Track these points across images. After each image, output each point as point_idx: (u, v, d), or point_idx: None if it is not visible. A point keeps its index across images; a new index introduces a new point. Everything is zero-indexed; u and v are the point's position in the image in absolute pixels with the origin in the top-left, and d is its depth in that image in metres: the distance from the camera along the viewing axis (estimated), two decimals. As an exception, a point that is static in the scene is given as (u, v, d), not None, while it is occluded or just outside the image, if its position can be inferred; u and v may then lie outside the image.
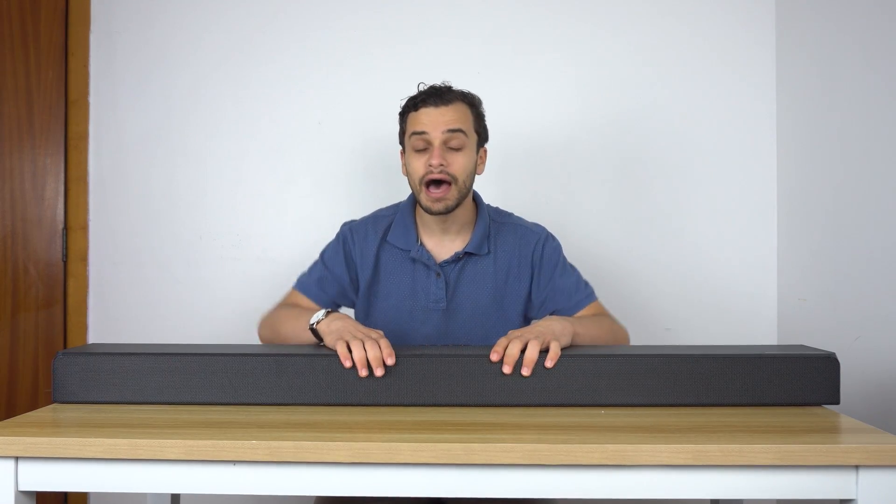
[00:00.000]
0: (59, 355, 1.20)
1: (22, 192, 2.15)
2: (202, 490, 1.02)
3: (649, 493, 1.00)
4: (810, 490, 0.99)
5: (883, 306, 1.62)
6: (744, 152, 2.14)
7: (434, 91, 1.50)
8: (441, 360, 1.19)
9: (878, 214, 1.64)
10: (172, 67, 2.19)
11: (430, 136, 1.47)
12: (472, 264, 1.56)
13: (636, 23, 2.15)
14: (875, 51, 1.67)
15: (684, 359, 1.19)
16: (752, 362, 1.19)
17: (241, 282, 2.17)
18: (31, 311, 2.14)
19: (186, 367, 1.19)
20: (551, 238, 1.62)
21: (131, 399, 1.20)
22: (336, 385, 1.19)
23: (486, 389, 1.19)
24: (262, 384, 1.19)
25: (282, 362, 1.19)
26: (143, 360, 1.20)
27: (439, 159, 1.45)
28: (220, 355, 1.19)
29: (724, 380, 1.19)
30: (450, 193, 1.47)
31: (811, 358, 1.20)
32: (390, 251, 1.58)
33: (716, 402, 1.19)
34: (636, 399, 1.19)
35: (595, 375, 1.19)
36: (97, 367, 1.20)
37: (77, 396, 1.20)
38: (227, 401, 1.19)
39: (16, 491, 1.03)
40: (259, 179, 2.18)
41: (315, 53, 2.17)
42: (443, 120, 1.47)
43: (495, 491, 1.01)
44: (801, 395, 1.19)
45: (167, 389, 1.19)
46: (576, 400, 1.19)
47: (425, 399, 1.19)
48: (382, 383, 1.19)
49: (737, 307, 2.13)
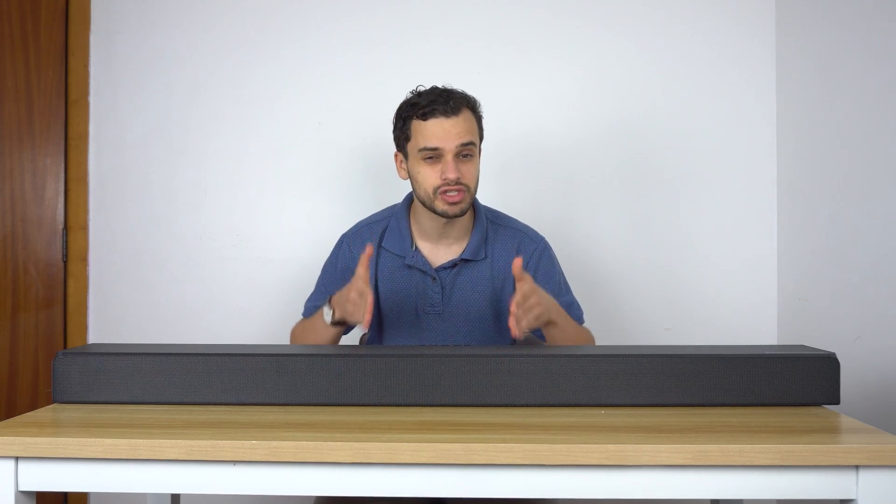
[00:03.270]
0: (59, 355, 1.20)
1: (22, 192, 2.15)
2: (202, 490, 1.02)
3: (649, 493, 1.00)
4: (810, 490, 0.99)
5: (883, 306, 1.62)
6: (744, 152, 2.14)
7: (440, 98, 1.47)
8: (441, 360, 1.19)
9: (879, 214, 1.64)
10: (172, 67, 2.19)
11: (444, 151, 1.46)
12: (468, 269, 1.56)
13: (636, 23, 2.15)
14: (875, 51, 1.67)
15: (684, 359, 1.18)
16: (753, 362, 1.18)
17: (241, 282, 2.17)
18: (31, 311, 2.14)
19: (187, 367, 1.19)
20: (549, 250, 1.62)
21: (131, 399, 1.19)
22: (336, 385, 1.18)
23: (486, 389, 1.19)
24: (263, 384, 1.18)
25: (282, 362, 1.18)
26: (144, 361, 1.19)
27: (455, 174, 1.46)
28: (221, 355, 1.19)
29: (724, 380, 1.18)
30: (464, 197, 1.49)
31: (811, 358, 1.19)
32: (386, 257, 1.58)
33: (716, 401, 1.19)
34: (636, 399, 1.18)
35: (595, 375, 1.18)
36: (97, 367, 1.19)
37: (77, 396, 1.20)
38: (228, 401, 1.19)
39: (16, 491, 1.03)
40: (259, 179, 2.18)
41: (315, 53, 2.17)
42: (455, 132, 1.46)
43: (495, 491, 1.01)
44: (801, 396, 1.18)
45: (167, 389, 1.19)
46: (576, 400, 1.18)
47: (425, 399, 1.19)
48: (383, 383, 1.19)
49: (737, 307, 2.13)
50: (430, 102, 1.47)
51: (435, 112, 1.46)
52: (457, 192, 1.47)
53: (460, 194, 1.47)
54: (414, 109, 1.49)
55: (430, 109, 1.46)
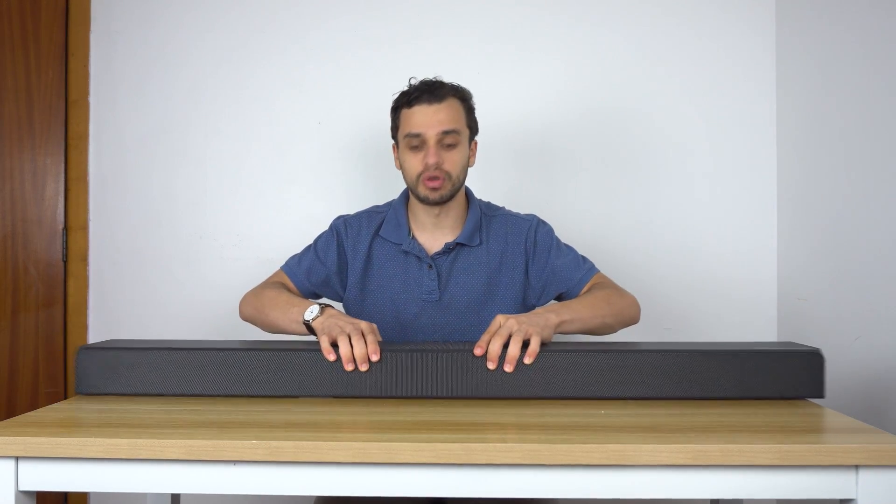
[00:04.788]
0: (81, 350, 1.27)
1: (22, 192, 2.15)
2: (202, 490, 1.02)
3: (649, 493, 1.00)
4: (810, 490, 0.99)
5: (883, 306, 1.62)
6: (744, 152, 2.14)
7: (426, 87, 1.52)
8: (438, 354, 1.23)
9: (878, 214, 1.64)
10: (172, 67, 2.19)
11: (425, 136, 1.50)
12: (464, 255, 1.59)
13: (636, 22, 2.15)
14: (875, 51, 1.67)
15: (674, 354, 1.22)
16: (741, 358, 1.22)
17: (242, 282, 2.17)
18: (31, 311, 2.14)
19: (201, 361, 1.25)
20: (542, 223, 1.64)
21: (148, 391, 1.26)
22: (343, 378, 1.24)
23: (482, 383, 1.23)
24: (272, 377, 1.25)
25: (290, 357, 1.24)
26: (160, 355, 1.26)
27: (435, 158, 1.49)
28: (233, 350, 1.26)
29: (714, 374, 1.22)
30: (444, 184, 1.52)
31: (798, 353, 1.23)
32: (382, 245, 1.61)
33: (706, 395, 1.22)
34: (628, 392, 1.22)
35: (588, 370, 1.22)
36: (116, 361, 1.26)
37: (97, 388, 1.27)
38: (239, 392, 1.25)
39: (16, 491, 1.03)
40: (259, 179, 2.18)
41: (315, 53, 2.17)
42: (437, 119, 1.49)
43: (495, 491, 1.01)
44: (787, 389, 1.22)
45: (182, 382, 1.25)
46: (569, 393, 1.22)
47: (425, 392, 1.23)
48: (384, 377, 1.23)
49: (737, 307, 2.13)
50: (416, 90, 1.52)
51: (420, 99, 1.50)
52: (437, 179, 1.50)
53: (440, 181, 1.50)
54: (403, 98, 1.54)
55: (415, 97, 1.51)
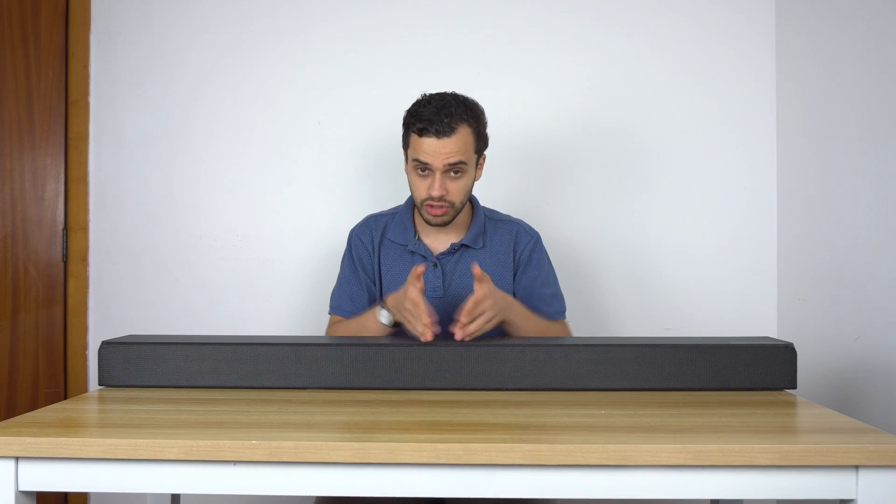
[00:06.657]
0: (104, 344, 1.35)
1: (22, 192, 2.15)
2: (202, 490, 1.02)
3: (649, 493, 1.00)
4: (810, 490, 0.99)
5: (883, 306, 1.62)
6: (744, 152, 2.14)
7: (437, 116, 1.51)
8: (438, 350, 1.33)
9: (879, 214, 1.64)
10: (172, 67, 2.19)
11: (433, 167, 1.53)
12: (467, 256, 1.64)
13: (636, 22, 2.15)
14: (875, 49, 1.67)
15: (657, 348, 1.32)
16: (719, 351, 1.32)
17: (241, 282, 2.17)
18: (31, 311, 2.14)
19: (216, 355, 1.34)
20: (541, 243, 1.71)
21: (166, 383, 1.34)
22: (349, 370, 1.33)
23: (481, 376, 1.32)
24: (284, 370, 1.33)
25: (301, 350, 1.33)
26: (178, 349, 1.34)
27: (440, 191, 1.54)
28: (247, 344, 1.34)
29: (694, 366, 1.31)
30: (447, 212, 1.58)
31: (771, 347, 1.32)
32: (389, 246, 1.67)
33: (686, 386, 1.31)
34: (614, 384, 1.31)
35: (577, 362, 1.32)
36: (137, 355, 1.34)
37: (119, 381, 1.35)
38: (253, 384, 1.33)
39: (16, 491, 1.03)
40: (259, 179, 2.18)
41: (315, 53, 2.17)
42: (444, 152, 1.52)
43: (495, 491, 1.01)
44: (762, 381, 1.32)
45: (199, 375, 1.34)
46: (558, 384, 1.31)
47: (425, 383, 1.32)
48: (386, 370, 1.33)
49: (737, 308, 2.13)
50: (427, 120, 1.51)
51: (428, 131, 1.51)
52: (440, 207, 1.56)
53: (443, 209, 1.57)
54: (413, 121, 1.54)
55: (424, 128, 1.52)
